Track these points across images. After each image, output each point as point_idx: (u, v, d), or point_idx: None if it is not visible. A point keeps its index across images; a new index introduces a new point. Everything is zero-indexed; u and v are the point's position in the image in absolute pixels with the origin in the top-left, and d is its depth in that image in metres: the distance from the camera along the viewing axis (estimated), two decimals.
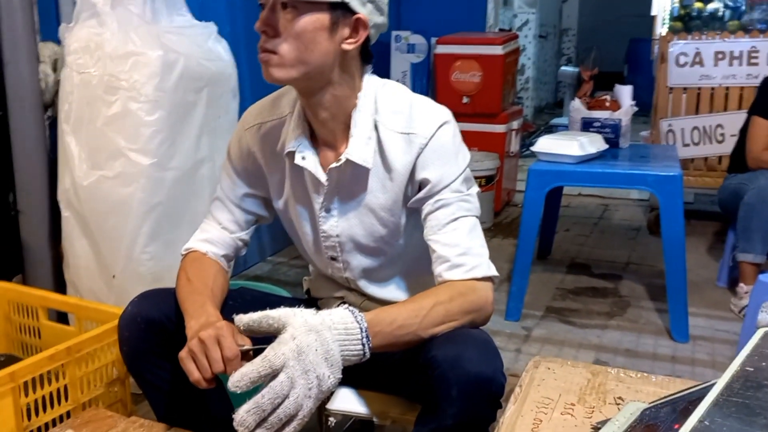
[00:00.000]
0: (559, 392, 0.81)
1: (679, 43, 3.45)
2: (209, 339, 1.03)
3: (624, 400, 0.79)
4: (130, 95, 1.80)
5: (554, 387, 0.82)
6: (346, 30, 1.09)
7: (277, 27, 1.06)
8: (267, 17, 1.07)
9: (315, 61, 1.08)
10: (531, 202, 2.49)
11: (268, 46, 1.07)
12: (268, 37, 1.07)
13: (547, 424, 0.73)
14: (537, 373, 0.86)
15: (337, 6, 1.06)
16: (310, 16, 1.05)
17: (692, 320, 2.40)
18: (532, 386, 0.82)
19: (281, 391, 0.90)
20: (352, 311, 1.00)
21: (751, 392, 0.51)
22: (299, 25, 1.05)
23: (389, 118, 1.15)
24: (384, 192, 1.18)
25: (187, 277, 1.23)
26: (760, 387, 0.51)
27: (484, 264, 1.13)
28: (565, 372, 0.85)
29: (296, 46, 1.06)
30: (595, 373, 0.85)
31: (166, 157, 1.86)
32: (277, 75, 1.09)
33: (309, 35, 1.06)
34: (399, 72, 4.15)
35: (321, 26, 1.06)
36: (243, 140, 1.28)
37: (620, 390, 0.82)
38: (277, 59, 1.07)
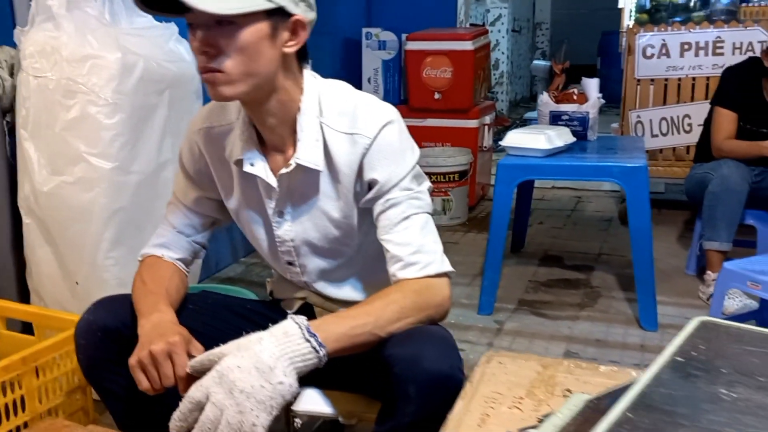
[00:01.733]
0: (508, 386, 0.81)
1: (646, 35, 3.48)
2: (161, 354, 1.03)
3: (572, 392, 0.79)
4: (89, 99, 1.78)
5: (504, 381, 0.82)
6: (286, 33, 1.08)
7: (218, 44, 1.03)
8: (205, 37, 1.03)
9: (262, 71, 1.07)
10: (500, 197, 2.50)
11: (212, 66, 1.04)
12: (210, 56, 1.04)
13: (495, 418, 0.74)
14: (488, 369, 0.86)
15: (273, 12, 1.04)
16: (250, 28, 1.03)
17: (661, 309, 2.43)
18: (482, 382, 0.82)
19: (210, 418, 0.92)
20: (293, 317, 1.00)
21: (679, 381, 0.51)
22: (241, 39, 1.03)
23: (334, 119, 1.15)
24: (334, 194, 1.18)
25: (141, 280, 1.22)
26: (688, 376, 0.52)
27: (438, 260, 1.13)
28: (516, 366, 0.86)
29: (241, 61, 1.04)
30: (545, 366, 0.86)
31: (127, 160, 1.84)
32: (227, 93, 1.07)
33: (253, 47, 1.04)
34: (370, 69, 4.15)
35: (263, 35, 1.05)
36: (193, 143, 1.27)
37: (569, 382, 0.82)
38: (223, 77, 1.05)
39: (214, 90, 1.07)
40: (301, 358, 0.98)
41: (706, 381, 0.51)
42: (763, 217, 2.61)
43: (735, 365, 0.53)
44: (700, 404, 0.47)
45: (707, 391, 0.49)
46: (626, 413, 0.47)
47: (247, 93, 1.08)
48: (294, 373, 0.97)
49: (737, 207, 2.45)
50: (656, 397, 0.49)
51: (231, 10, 1.01)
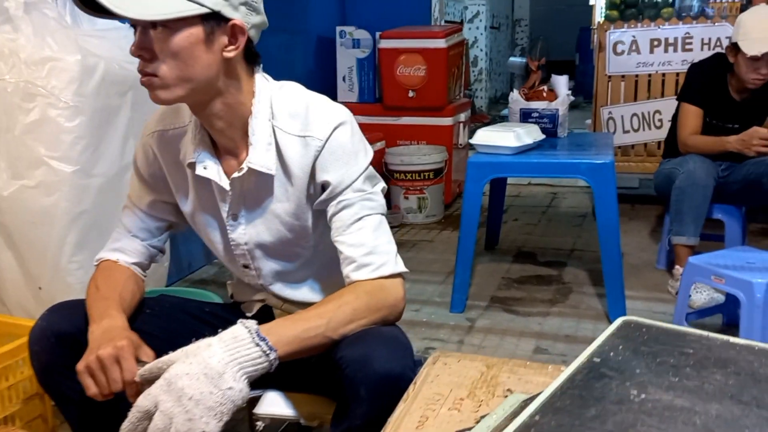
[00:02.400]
0: (450, 387, 0.82)
1: (616, 32, 3.50)
2: (108, 358, 1.02)
3: (512, 391, 0.80)
4: (49, 102, 1.76)
5: (447, 382, 0.83)
6: (224, 38, 1.07)
7: (153, 49, 1.03)
8: (140, 41, 1.04)
9: (198, 76, 1.06)
10: (470, 195, 2.51)
11: (148, 70, 1.05)
12: (145, 60, 1.04)
13: (433, 420, 0.74)
14: (433, 369, 0.86)
15: (209, 16, 1.04)
16: (183, 33, 1.03)
17: (631, 303, 2.45)
18: (425, 383, 0.83)
19: (159, 427, 0.91)
20: (242, 322, 0.99)
21: (591, 382, 0.51)
22: (174, 44, 1.03)
23: (286, 122, 1.15)
24: (287, 197, 1.18)
25: (95, 286, 1.21)
26: (601, 377, 0.52)
27: (391, 261, 1.13)
28: (460, 367, 0.86)
29: (176, 65, 1.04)
30: (489, 366, 0.86)
31: (89, 163, 1.83)
32: (164, 97, 1.07)
33: (186, 52, 1.03)
34: (345, 68, 4.13)
35: (196, 40, 1.04)
36: (147, 146, 1.26)
37: (511, 382, 0.83)
38: (159, 81, 1.05)
39: (152, 94, 1.07)
40: (251, 363, 0.98)
41: (619, 382, 0.52)
42: (731, 212, 2.64)
43: (650, 365, 0.53)
44: (608, 406, 0.48)
45: (617, 393, 0.50)
46: (534, 416, 0.47)
47: (185, 97, 1.08)
48: (244, 378, 0.97)
49: (703, 202, 2.48)
50: (567, 399, 0.49)
51: (156, 16, 1.00)
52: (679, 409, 0.47)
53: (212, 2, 1.04)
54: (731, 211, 2.64)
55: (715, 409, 0.47)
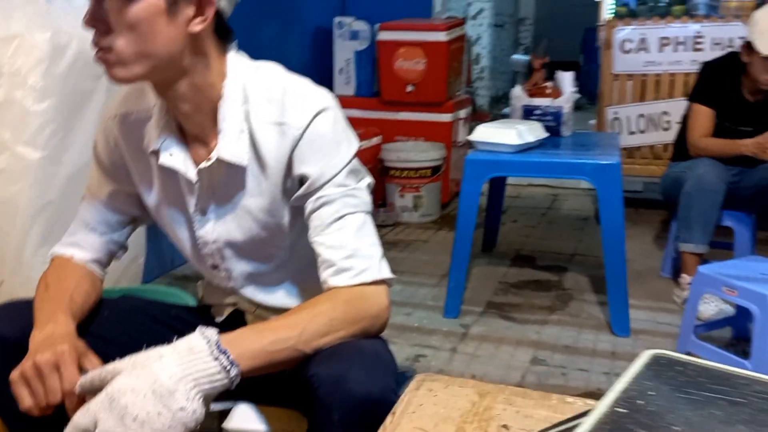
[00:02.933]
0: (435, 420, 0.69)
1: (625, 29, 3.37)
2: (46, 365, 0.89)
3: (508, 429, 0.67)
4: (14, 82, 1.63)
5: (431, 414, 0.70)
6: (190, 9, 0.94)
7: (107, 20, 0.91)
8: (93, 10, 0.91)
9: (159, 52, 0.93)
10: (468, 194, 2.38)
11: (103, 44, 0.92)
12: (100, 33, 0.92)
13: None
14: (416, 396, 0.73)
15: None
16: (141, 2, 0.90)
17: (634, 313, 2.32)
18: (405, 414, 0.70)
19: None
20: (202, 330, 0.86)
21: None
22: (131, 15, 0.90)
23: (261, 108, 1.02)
24: (261, 191, 1.05)
25: (45, 285, 1.09)
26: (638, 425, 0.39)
27: (374, 266, 1.00)
28: (448, 394, 0.73)
29: (133, 40, 0.91)
30: (482, 395, 0.73)
31: (58, 150, 1.70)
32: (121, 75, 0.94)
33: (145, 24, 0.91)
34: (342, 60, 4.00)
35: (156, 11, 0.91)
36: (108, 131, 1.13)
37: (507, 415, 0.70)
38: (114, 57, 0.92)
39: (108, 72, 0.95)
40: (207, 379, 0.85)
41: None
42: (741, 219, 2.52)
43: (691, 420, 0.41)
44: None
45: None
46: None
47: (144, 75, 0.95)
48: (198, 397, 0.84)
49: (713, 208, 2.35)
50: None
51: None
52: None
53: None
54: (741, 219, 2.52)
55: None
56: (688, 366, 0.47)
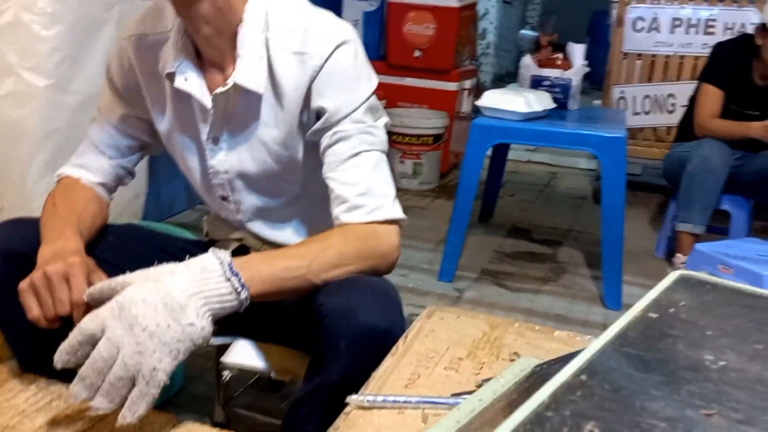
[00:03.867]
0: (448, 345, 0.69)
1: (639, 7, 3.35)
2: (56, 275, 0.89)
3: (519, 355, 0.67)
4: (23, 5, 1.59)
5: (444, 339, 0.70)
6: None
7: None
8: None
9: None
10: (471, 159, 2.37)
11: None
12: None
13: (426, 380, 0.62)
14: (428, 323, 0.74)
15: None
16: None
17: (627, 289, 2.34)
18: (418, 337, 0.70)
19: (104, 356, 0.77)
20: (215, 251, 0.86)
21: (650, 342, 0.39)
22: None
23: (282, 36, 1.00)
24: (276, 122, 1.04)
25: (53, 203, 1.08)
26: (662, 337, 0.40)
27: (388, 205, 1.00)
28: (460, 323, 0.74)
29: None
30: (493, 326, 0.74)
31: (66, 78, 1.67)
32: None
33: None
34: (350, 20, 3.91)
35: None
36: (123, 52, 1.11)
37: (518, 345, 0.70)
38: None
39: None
40: (218, 299, 0.84)
41: (688, 344, 0.39)
42: (740, 203, 2.53)
43: (724, 328, 0.41)
44: (678, 372, 0.36)
45: (688, 357, 0.37)
46: (578, 376, 0.35)
47: None
48: (208, 316, 0.83)
49: (715, 189, 2.36)
50: (621, 359, 0.37)
51: None
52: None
53: None
54: (740, 203, 2.53)
55: None
56: (718, 285, 0.47)
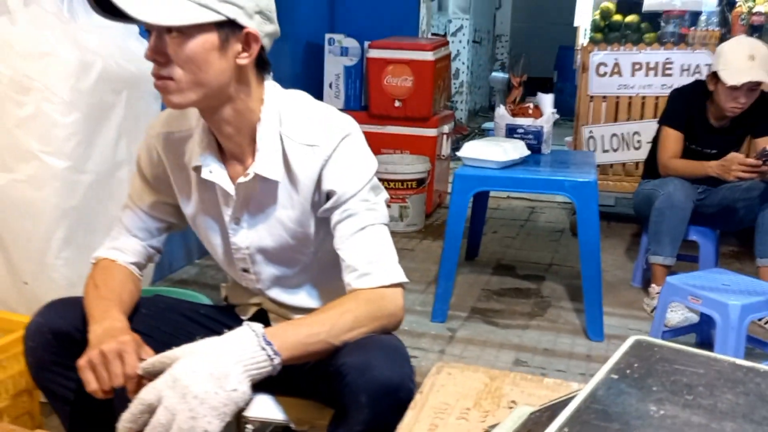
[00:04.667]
0: (457, 397, 0.84)
1: (600, 54, 3.59)
2: (111, 353, 1.03)
3: (516, 403, 0.82)
4: (44, 96, 1.75)
5: (453, 392, 0.85)
6: (238, 45, 1.09)
7: (167, 53, 1.05)
8: (155, 45, 1.05)
9: (212, 82, 1.08)
10: (456, 206, 2.55)
11: (163, 73, 1.06)
12: (160, 64, 1.06)
13: (443, 429, 0.76)
14: (438, 379, 0.89)
15: (224, 24, 1.05)
16: (198, 39, 1.04)
17: (607, 320, 2.50)
18: (432, 392, 0.85)
19: (162, 422, 0.92)
20: (249, 324, 1.01)
21: (612, 398, 0.54)
22: (189, 50, 1.04)
23: (294, 130, 1.17)
24: (291, 204, 1.20)
25: (94, 284, 1.22)
26: (620, 394, 0.55)
27: (392, 271, 1.15)
28: (464, 377, 0.89)
29: (190, 70, 1.05)
30: (492, 378, 0.89)
31: (81, 159, 1.82)
32: (177, 101, 1.08)
33: (200, 58, 1.05)
34: (332, 74, 4.15)
35: (211, 47, 1.06)
36: (151, 147, 1.27)
37: (514, 394, 0.85)
38: (173, 85, 1.07)
39: (165, 98, 1.09)
40: (255, 366, 0.99)
41: (638, 398, 0.55)
42: (706, 234, 2.73)
43: (665, 383, 0.56)
44: (630, 421, 0.51)
45: (638, 408, 0.53)
46: (562, 429, 0.50)
47: (197, 102, 1.10)
48: (248, 380, 0.98)
49: (681, 223, 2.55)
50: (591, 413, 0.52)
51: (173, 21, 1.02)
52: (697, 426, 0.50)
53: (228, 10, 1.05)
54: (706, 233, 2.73)
55: (730, 427, 0.50)
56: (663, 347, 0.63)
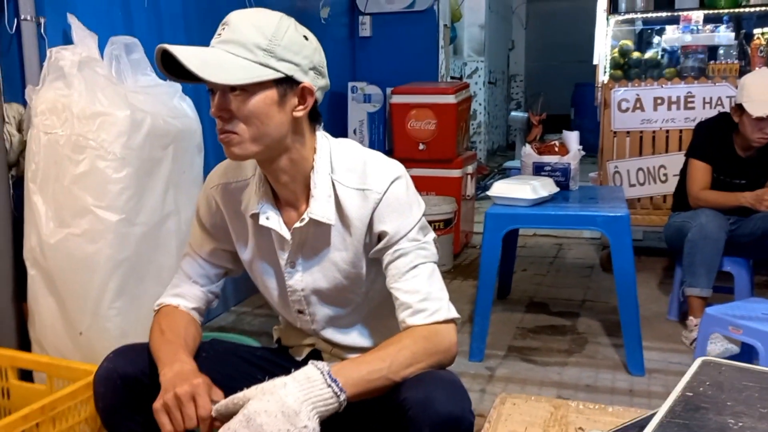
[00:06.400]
0: (525, 425, 0.87)
1: (620, 90, 3.66)
2: (185, 395, 1.07)
3: (584, 429, 0.85)
4: (98, 154, 1.84)
5: (520, 421, 0.88)
6: (295, 99, 1.16)
7: (231, 110, 1.12)
8: (220, 103, 1.13)
9: (272, 134, 1.15)
10: (489, 245, 2.58)
11: (227, 128, 1.14)
12: (224, 120, 1.14)
13: None
14: (504, 409, 0.92)
15: (282, 80, 1.13)
16: (259, 95, 1.12)
17: (647, 354, 2.50)
18: (500, 422, 0.88)
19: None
20: (314, 363, 1.05)
21: (690, 413, 0.58)
22: (251, 105, 1.12)
23: (345, 176, 1.23)
24: (345, 246, 1.25)
25: (160, 330, 1.27)
26: (698, 409, 0.59)
27: (445, 307, 1.20)
28: (529, 407, 0.92)
29: (252, 124, 1.13)
30: (557, 407, 0.92)
31: (133, 212, 1.90)
32: (240, 152, 1.16)
33: (262, 113, 1.13)
34: (356, 121, 4.27)
35: (271, 102, 1.13)
36: (210, 198, 1.34)
37: (580, 421, 0.88)
38: (237, 138, 1.14)
39: (228, 150, 1.16)
40: (323, 403, 1.03)
41: (715, 412, 0.58)
42: (740, 264, 2.73)
43: (738, 398, 0.60)
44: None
45: (717, 422, 0.56)
46: None
47: (259, 153, 1.17)
48: (316, 418, 1.02)
49: (716, 254, 2.56)
50: (674, 427, 0.56)
51: (239, 81, 1.10)
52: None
53: (286, 68, 1.13)
54: (740, 264, 2.73)
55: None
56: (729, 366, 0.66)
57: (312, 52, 1.18)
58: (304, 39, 1.17)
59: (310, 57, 1.17)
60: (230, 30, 1.13)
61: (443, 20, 4.59)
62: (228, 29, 1.13)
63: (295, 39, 1.15)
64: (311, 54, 1.18)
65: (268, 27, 1.13)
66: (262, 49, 1.11)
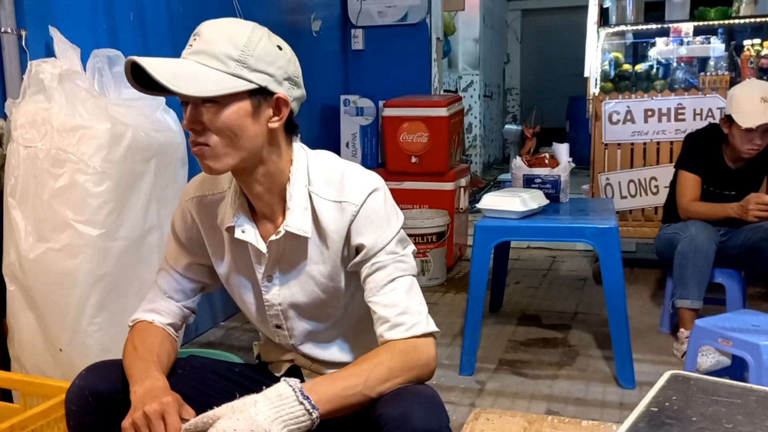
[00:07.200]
0: None
1: (611, 102, 3.65)
2: (154, 414, 1.05)
3: None
4: (78, 167, 1.82)
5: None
6: (269, 110, 1.14)
7: (204, 122, 1.11)
8: (192, 115, 1.11)
9: (246, 146, 1.13)
10: (478, 258, 2.56)
11: (200, 140, 1.12)
12: (197, 132, 1.12)
13: None
14: (477, 425, 0.90)
15: (256, 91, 1.11)
16: (232, 107, 1.10)
17: (638, 366, 2.47)
18: None
19: None
20: (286, 380, 1.03)
21: (654, 430, 0.56)
22: (224, 117, 1.10)
23: (322, 188, 1.21)
24: (322, 259, 1.23)
25: (133, 346, 1.24)
26: (662, 425, 0.57)
27: (423, 321, 1.18)
28: (503, 422, 0.90)
29: (225, 137, 1.11)
30: (531, 422, 0.90)
31: (113, 227, 1.88)
32: (214, 166, 1.14)
33: (236, 124, 1.11)
34: (349, 134, 4.26)
35: (245, 113, 1.11)
36: (185, 211, 1.32)
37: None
38: (209, 151, 1.12)
39: (203, 164, 1.14)
40: (294, 421, 1.01)
41: (679, 428, 0.56)
42: (732, 275, 2.71)
43: (703, 414, 0.58)
44: None
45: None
46: None
47: (233, 166, 1.15)
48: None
49: (706, 266, 2.54)
50: None
51: (210, 92, 1.08)
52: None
53: (259, 78, 1.12)
54: (732, 275, 2.71)
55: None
56: (699, 380, 0.64)
57: (286, 63, 1.17)
58: (278, 49, 1.16)
59: (284, 67, 1.16)
60: (201, 41, 1.12)
61: (435, 33, 4.60)
62: (199, 40, 1.12)
63: (268, 49, 1.14)
64: (285, 64, 1.16)
65: (240, 37, 1.11)
66: (234, 59, 1.10)
